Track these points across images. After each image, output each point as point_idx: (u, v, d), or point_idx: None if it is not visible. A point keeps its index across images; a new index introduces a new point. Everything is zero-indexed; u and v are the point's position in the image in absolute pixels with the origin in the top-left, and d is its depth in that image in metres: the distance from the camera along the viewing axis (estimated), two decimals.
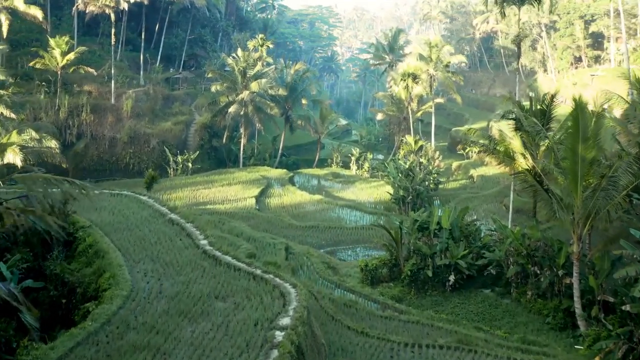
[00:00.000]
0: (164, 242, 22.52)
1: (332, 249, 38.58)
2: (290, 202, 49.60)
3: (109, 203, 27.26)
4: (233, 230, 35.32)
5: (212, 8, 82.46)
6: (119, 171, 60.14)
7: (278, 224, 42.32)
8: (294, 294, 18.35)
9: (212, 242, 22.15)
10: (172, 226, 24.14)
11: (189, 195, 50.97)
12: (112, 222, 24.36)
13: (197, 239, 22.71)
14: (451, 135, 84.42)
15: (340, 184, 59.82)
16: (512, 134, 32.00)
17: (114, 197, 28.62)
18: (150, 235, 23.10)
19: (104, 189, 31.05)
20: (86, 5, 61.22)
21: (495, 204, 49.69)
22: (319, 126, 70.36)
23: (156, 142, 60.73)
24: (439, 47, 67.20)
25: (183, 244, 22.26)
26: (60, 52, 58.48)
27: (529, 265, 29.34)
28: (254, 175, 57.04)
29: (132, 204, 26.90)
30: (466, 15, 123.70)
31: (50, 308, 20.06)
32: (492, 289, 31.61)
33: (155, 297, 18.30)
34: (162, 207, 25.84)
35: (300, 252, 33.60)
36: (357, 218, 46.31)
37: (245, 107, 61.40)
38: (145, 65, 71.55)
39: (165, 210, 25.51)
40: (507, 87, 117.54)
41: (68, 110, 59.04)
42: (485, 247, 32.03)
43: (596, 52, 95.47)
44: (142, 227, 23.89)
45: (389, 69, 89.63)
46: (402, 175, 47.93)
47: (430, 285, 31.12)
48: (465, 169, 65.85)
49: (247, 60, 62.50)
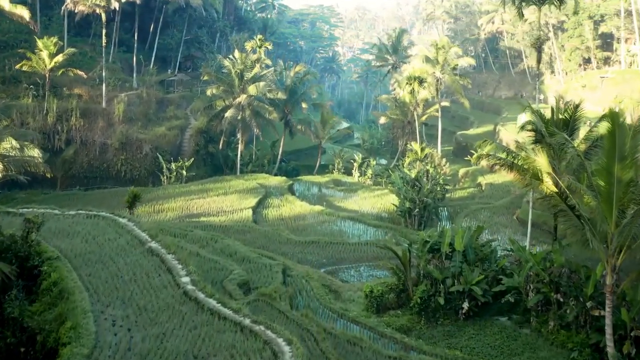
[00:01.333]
0: (140, 279, 19.62)
1: (333, 268, 35.75)
2: (289, 214, 46.80)
3: (83, 227, 24.45)
4: (226, 249, 32.59)
5: (209, 8, 79.55)
6: (110, 179, 57.39)
7: (276, 239, 39.52)
8: (288, 354, 15.51)
9: (194, 281, 19.25)
10: (151, 257, 21.23)
11: (182, 205, 48.30)
12: (83, 252, 21.52)
13: (178, 274, 19.82)
14: (456, 139, 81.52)
15: (342, 193, 56.94)
16: (531, 146, 29.16)
17: (90, 219, 25.80)
18: (125, 270, 20.18)
19: (79, 209, 28.20)
20: (75, 4, 58.32)
21: (506, 215, 46.89)
22: (319, 131, 67.47)
23: (149, 148, 57.89)
24: (446, 48, 64.16)
25: (161, 281, 19.30)
26: (48, 53, 55.74)
27: (551, 294, 26.52)
28: (251, 183, 54.23)
29: (109, 228, 24.09)
30: (471, 15, 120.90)
31: (7, 357, 17.29)
32: (510, 316, 28.78)
33: (123, 356, 15.41)
34: (142, 232, 23.02)
35: (299, 275, 30.79)
36: (361, 232, 43.47)
37: (242, 112, 58.56)
38: (138, 67, 68.77)
39: (145, 236, 22.68)
40: (512, 89, 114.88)
41: (57, 115, 56.23)
42: (502, 271, 29.17)
43: (606, 53, 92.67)
44: (116, 259, 21.01)
45: (392, 71, 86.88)
46: (408, 185, 45.07)
47: (442, 313, 28.29)
48: (473, 176, 63.02)
49: (244, 62, 59.59)
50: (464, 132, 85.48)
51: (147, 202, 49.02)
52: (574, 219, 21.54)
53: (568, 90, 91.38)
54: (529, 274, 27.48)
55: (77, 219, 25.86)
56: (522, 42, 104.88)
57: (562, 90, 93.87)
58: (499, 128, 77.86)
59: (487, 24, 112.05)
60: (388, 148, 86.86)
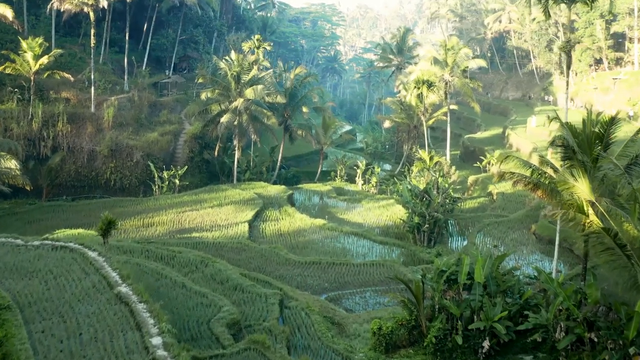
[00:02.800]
0: (102, 339, 16.10)
1: (336, 293, 32.40)
2: (288, 229, 43.47)
3: (45, 263, 21.06)
4: (217, 276, 29.32)
5: (205, 6, 76.01)
6: (99, 188, 54.15)
7: (273, 259, 36.21)
8: None
9: (167, 344, 15.79)
10: (119, 307, 17.79)
11: (173, 219, 45.08)
12: (40, 299, 18.13)
13: (148, 332, 16.38)
14: (464, 143, 78.01)
15: (344, 203, 53.55)
16: (560, 163, 25.83)
17: (55, 251, 22.41)
18: (85, 325, 16.60)
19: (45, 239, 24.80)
20: (62, 3, 54.95)
21: (522, 230, 43.43)
22: (321, 137, 64.00)
23: (140, 155, 54.51)
24: (456, 49, 60.45)
25: (127, 342, 15.80)
26: (32, 55, 52.48)
27: (585, 333, 23.20)
28: (249, 193, 50.89)
29: (75, 265, 20.69)
30: (477, 14, 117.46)
31: None
32: (535, 354, 25.43)
33: None
34: (112, 271, 19.63)
35: (298, 306, 27.48)
36: (366, 249, 40.12)
37: (239, 117, 55.19)
38: (130, 69, 65.38)
39: (116, 277, 19.23)
40: (520, 90, 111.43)
41: (42, 120, 52.95)
42: (527, 305, 25.82)
43: (618, 53, 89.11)
44: (78, 308, 17.56)
45: (397, 72, 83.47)
46: (417, 199, 41.68)
47: (459, 352, 24.96)
48: (483, 184, 59.54)
49: (241, 64, 56.07)
50: (471, 135, 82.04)
51: (136, 214, 45.97)
52: (622, 257, 18.17)
53: (579, 92, 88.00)
54: (558, 309, 24.19)
55: (41, 251, 22.51)
56: (530, 42, 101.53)
57: (573, 92, 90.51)
58: (508, 132, 74.44)
59: (493, 22, 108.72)
60: (392, 152, 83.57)
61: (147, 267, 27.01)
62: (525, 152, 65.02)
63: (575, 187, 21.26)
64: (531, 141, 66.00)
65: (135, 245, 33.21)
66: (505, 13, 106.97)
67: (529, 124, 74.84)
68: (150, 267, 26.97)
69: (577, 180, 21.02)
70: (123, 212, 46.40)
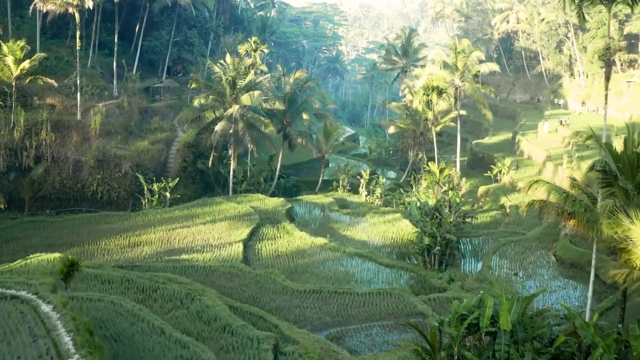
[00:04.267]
0: None
1: (339, 330, 28.90)
2: (286, 249, 39.96)
3: None
4: (204, 313, 25.81)
5: (200, 6, 72.40)
6: (85, 200, 50.70)
7: (269, 287, 32.72)
8: None
9: None
10: None
11: (162, 237, 41.62)
12: None
13: None
14: (472, 149, 74.38)
15: (347, 217, 50.02)
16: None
17: (4, 302, 18.63)
18: None
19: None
20: (44, 3, 51.45)
21: (541, 251, 39.87)
22: (322, 145, 60.43)
23: (129, 165, 51.02)
24: (467, 52, 56.72)
25: None
26: (14, 59, 49.00)
27: None
28: (245, 207, 47.42)
29: (22, 324, 17.02)
30: (483, 14, 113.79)
31: None
32: None
33: None
34: (65, 335, 15.89)
35: (295, 352, 23.99)
36: (371, 274, 36.57)
37: (234, 125, 51.68)
38: (120, 73, 61.83)
39: (69, 344, 15.59)
40: (528, 92, 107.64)
41: (25, 129, 49.51)
42: (559, 354, 22.28)
43: (631, 55, 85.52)
44: None
45: (402, 75, 79.83)
46: (427, 217, 38.08)
47: None
48: (494, 196, 56.04)
49: (237, 69, 52.51)
50: (479, 140, 78.40)
51: (122, 232, 42.59)
52: None
53: (590, 95, 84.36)
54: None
55: None
56: (539, 43, 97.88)
57: (584, 95, 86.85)
58: (518, 137, 70.83)
59: (501, 23, 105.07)
60: (397, 158, 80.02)
61: (122, 308, 23.56)
62: (538, 160, 61.55)
63: (631, 230, 17.67)
64: (543, 148, 62.56)
65: (115, 275, 29.75)
66: (513, 13, 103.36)
67: (541, 129, 71.21)
68: (126, 308, 23.50)
69: (635, 223, 17.39)
70: (108, 230, 43.14)
